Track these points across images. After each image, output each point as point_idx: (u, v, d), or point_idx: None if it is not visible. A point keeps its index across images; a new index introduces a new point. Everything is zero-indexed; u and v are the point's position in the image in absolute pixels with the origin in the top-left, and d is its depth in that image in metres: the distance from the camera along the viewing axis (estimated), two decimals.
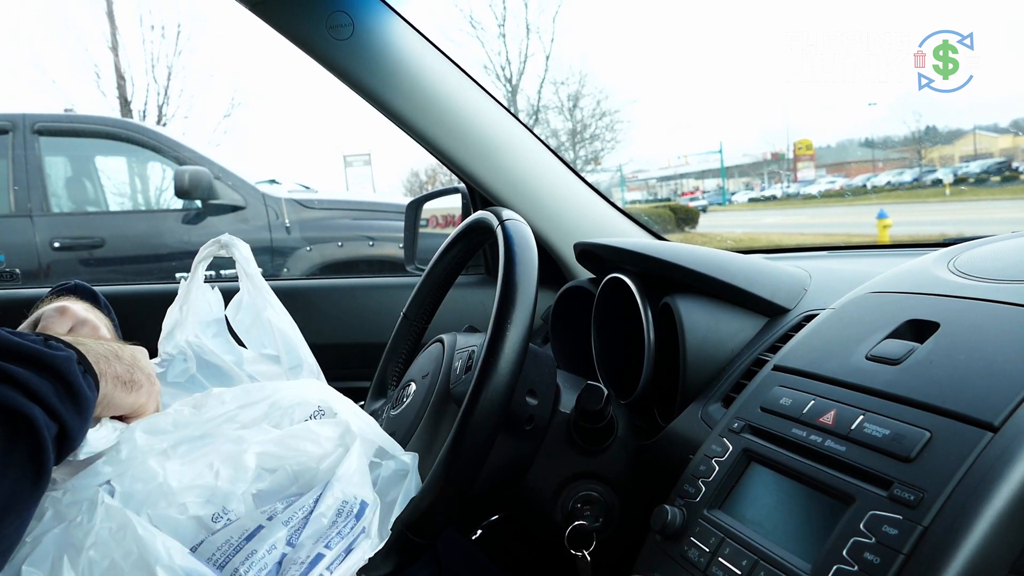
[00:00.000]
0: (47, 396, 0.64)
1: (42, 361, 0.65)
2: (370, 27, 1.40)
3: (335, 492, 0.77)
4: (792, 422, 0.76)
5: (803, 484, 0.71)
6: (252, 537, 0.73)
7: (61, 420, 0.65)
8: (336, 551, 0.75)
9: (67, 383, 0.66)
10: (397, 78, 1.44)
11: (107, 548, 0.67)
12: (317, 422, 0.83)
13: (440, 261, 1.23)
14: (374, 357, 1.38)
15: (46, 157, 5.10)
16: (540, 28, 20.20)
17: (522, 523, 1.30)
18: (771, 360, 0.91)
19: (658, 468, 1.01)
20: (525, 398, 0.98)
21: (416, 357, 1.23)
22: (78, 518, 0.69)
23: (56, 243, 4.81)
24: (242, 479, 0.76)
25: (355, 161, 16.87)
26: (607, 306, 1.29)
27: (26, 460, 0.62)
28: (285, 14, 1.36)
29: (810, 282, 1.11)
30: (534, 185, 1.57)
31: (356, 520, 0.78)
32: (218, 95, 24.53)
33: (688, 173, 24.54)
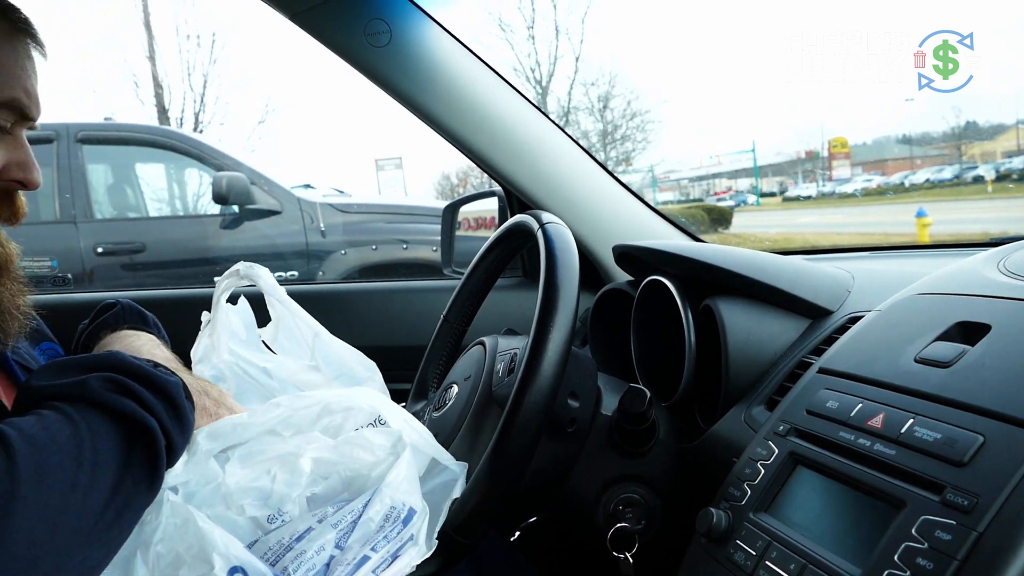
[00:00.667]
0: (160, 414, 0.72)
1: (156, 383, 0.73)
2: (407, 33, 1.42)
3: (383, 498, 0.78)
4: (839, 425, 0.76)
5: (851, 488, 0.71)
6: (302, 538, 0.75)
7: (169, 436, 0.72)
8: (382, 554, 0.76)
9: (175, 405, 0.74)
10: (434, 83, 1.45)
11: (172, 542, 0.71)
12: (371, 430, 0.84)
13: (480, 264, 1.24)
14: (413, 360, 1.40)
15: (89, 165, 5.22)
16: (569, 29, 20.12)
17: (562, 525, 1.30)
18: (816, 363, 0.90)
19: (700, 471, 1.01)
20: (567, 400, 0.99)
21: (457, 360, 1.24)
22: (148, 517, 0.72)
23: (99, 248, 4.92)
24: (297, 483, 0.78)
25: (387, 165, 17.00)
26: (646, 308, 1.28)
27: (143, 464, 0.70)
28: (324, 23, 1.38)
29: (853, 284, 1.10)
30: (570, 188, 1.57)
31: (403, 526, 0.79)
32: (253, 102, 24.95)
33: (721, 173, 24.33)
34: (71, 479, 0.64)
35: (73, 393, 0.69)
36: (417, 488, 0.84)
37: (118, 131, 5.73)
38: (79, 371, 0.72)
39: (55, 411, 0.68)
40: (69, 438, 0.66)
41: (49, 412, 0.67)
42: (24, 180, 0.86)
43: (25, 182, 0.86)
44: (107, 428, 0.68)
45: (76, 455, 0.65)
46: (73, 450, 0.65)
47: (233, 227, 5.11)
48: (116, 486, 0.67)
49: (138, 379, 0.72)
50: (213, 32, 15.57)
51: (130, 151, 5.59)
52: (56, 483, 0.63)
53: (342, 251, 5.00)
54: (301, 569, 0.73)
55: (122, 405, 0.69)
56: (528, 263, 1.79)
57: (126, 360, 0.73)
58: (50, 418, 0.67)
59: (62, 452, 0.65)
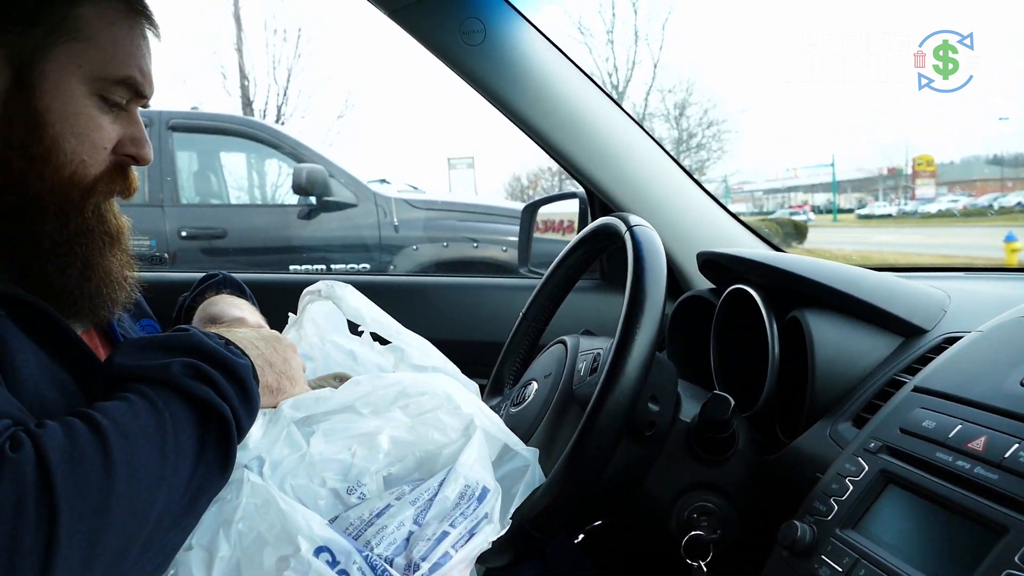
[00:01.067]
0: (233, 398, 0.75)
1: (228, 366, 0.76)
2: (501, 33, 1.44)
3: (458, 477, 0.81)
4: (936, 446, 0.74)
5: (947, 510, 0.69)
6: (382, 514, 0.78)
7: (239, 420, 0.75)
8: (460, 531, 0.78)
9: (246, 388, 0.77)
10: (524, 83, 1.47)
11: (253, 521, 0.74)
12: (444, 412, 0.86)
13: (562, 263, 1.25)
14: (486, 355, 1.41)
15: (178, 152, 5.42)
16: (649, 35, 19.93)
17: (631, 529, 1.30)
18: (910, 381, 0.88)
19: (780, 484, 0.99)
20: (647, 404, 0.99)
21: (535, 357, 1.25)
22: (228, 495, 0.75)
23: (183, 232, 5.10)
24: (375, 459, 0.82)
25: (459, 164, 17.15)
26: (728, 317, 1.27)
27: (216, 449, 0.72)
28: (421, 20, 1.41)
29: (949, 303, 1.06)
30: (655, 192, 1.56)
31: (478, 503, 0.81)
32: (333, 97, 25.48)
33: (797, 186, 23.73)
34: (158, 471, 0.67)
35: (157, 376, 0.72)
36: (489, 468, 0.86)
37: (206, 120, 5.92)
38: (160, 351, 0.75)
39: (141, 397, 0.70)
40: (155, 429, 0.68)
41: (136, 398, 0.70)
42: (137, 155, 0.90)
43: (138, 157, 0.90)
44: (186, 415, 0.71)
45: (161, 447, 0.68)
46: (159, 442, 0.68)
47: (310, 218, 5.22)
48: (193, 473, 0.70)
49: (214, 362, 0.75)
50: (299, 27, 16.00)
51: (216, 140, 5.78)
52: (145, 476, 0.66)
53: (414, 247, 5.07)
54: (383, 543, 0.75)
55: (201, 392, 0.72)
56: (607, 266, 1.79)
57: (203, 342, 0.76)
58: (138, 406, 0.69)
59: (150, 444, 0.67)
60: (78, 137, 0.83)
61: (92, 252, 0.87)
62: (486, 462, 0.85)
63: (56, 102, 0.82)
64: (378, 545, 0.75)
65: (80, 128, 0.83)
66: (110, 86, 0.85)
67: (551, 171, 20.51)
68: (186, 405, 0.71)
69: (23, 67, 0.80)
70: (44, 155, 0.81)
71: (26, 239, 0.83)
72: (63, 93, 0.82)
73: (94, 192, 0.86)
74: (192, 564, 0.72)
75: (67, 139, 0.82)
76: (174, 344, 0.76)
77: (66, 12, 0.82)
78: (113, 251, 0.91)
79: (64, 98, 0.82)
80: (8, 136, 0.80)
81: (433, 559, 0.74)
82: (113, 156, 0.88)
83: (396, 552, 0.75)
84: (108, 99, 0.85)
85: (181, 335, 0.77)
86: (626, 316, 0.89)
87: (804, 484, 0.88)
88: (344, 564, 0.71)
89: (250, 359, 0.80)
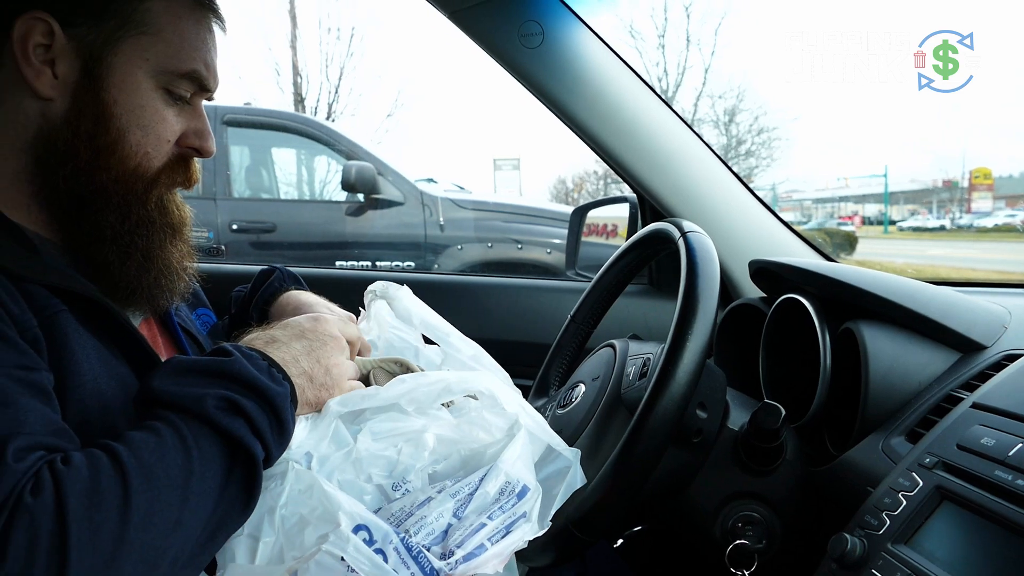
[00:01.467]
0: (266, 432, 0.73)
1: (267, 396, 0.74)
2: (559, 37, 1.45)
3: (499, 473, 0.81)
4: (995, 464, 0.72)
5: (1006, 529, 0.68)
6: (423, 505, 0.79)
7: (269, 451, 0.74)
8: (496, 524, 0.78)
9: (281, 420, 0.75)
10: (581, 86, 1.47)
11: (296, 505, 0.75)
12: (489, 412, 0.87)
13: (612, 267, 1.25)
14: (531, 356, 1.42)
15: (232, 146, 5.53)
16: (701, 40, 19.77)
17: (671, 536, 1.29)
18: (968, 398, 0.86)
19: (829, 496, 0.98)
20: (696, 411, 0.98)
21: (582, 360, 1.25)
22: (272, 485, 0.77)
23: (234, 225, 5.20)
24: (420, 456, 0.83)
25: (504, 165, 17.21)
26: (778, 326, 1.26)
27: (240, 486, 0.72)
28: (480, 22, 1.43)
29: (1010, 320, 1.04)
30: (707, 199, 1.56)
31: (518, 499, 0.81)
32: (383, 95, 25.75)
33: (847, 196, 23.30)
34: (176, 516, 0.66)
35: (191, 409, 0.71)
36: (531, 468, 0.86)
37: (260, 115, 6.03)
38: (200, 378, 0.73)
39: (173, 430, 0.69)
40: (180, 468, 0.67)
41: (168, 432, 0.69)
42: (200, 148, 0.92)
43: (201, 149, 0.92)
44: (215, 451, 0.70)
45: (183, 489, 0.67)
46: (181, 483, 0.67)
47: (357, 215, 5.28)
48: (213, 512, 0.69)
49: (253, 392, 0.73)
50: (353, 26, 16.21)
51: (268, 135, 5.87)
52: (162, 523, 0.65)
53: (459, 246, 5.10)
54: (422, 532, 0.76)
55: (233, 428, 0.71)
56: (656, 271, 1.79)
57: (244, 370, 0.74)
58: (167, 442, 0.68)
59: (172, 487, 0.66)
60: (143, 129, 0.85)
61: (152, 244, 0.89)
62: (528, 461, 0.86)
63: (123, 94, 0.84)
64: (416, 534, 0.75)
65: (145, 120, 0.85)
66: (175, 79, 0.87)
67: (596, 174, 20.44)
68: (216, 440, 0.71)
69: (92, 60, 0.83)
70: (111, 146, 0.84)
71: (89, 229, 0.86)
72: (130, 86, 0.84)
73: (157, 183, 0.88)
74: (237, 551, 0.74)
75: (133, 131, 0.85)
76: (214, 371, 0.74)
77: (135, 6, 0.84)
78: (174, 242, 0.93)
79: (131, 91, 0.84)
80: (77, 126, 0.83)
81: (468, 548, 0.75)
82: (176, 148, 0.90)
83: (434, 542, 0.76)
84: (173, 92, 0.87)
85: (224, 362, 0.75)
86: (678, 322, 0.89)
87: (854, 497, 0.87)
88: (381, 543, 0.72)
89: (291, 383, 0.79)
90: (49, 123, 0.83)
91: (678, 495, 1.03)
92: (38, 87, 0.82)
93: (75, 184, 0.84)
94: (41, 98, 0.83)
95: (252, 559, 0.74)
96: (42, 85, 0.82)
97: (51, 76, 0.82)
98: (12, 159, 0.84)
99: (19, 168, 0.84)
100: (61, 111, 0.83)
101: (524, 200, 6.97)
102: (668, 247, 1.07)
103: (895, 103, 26.92)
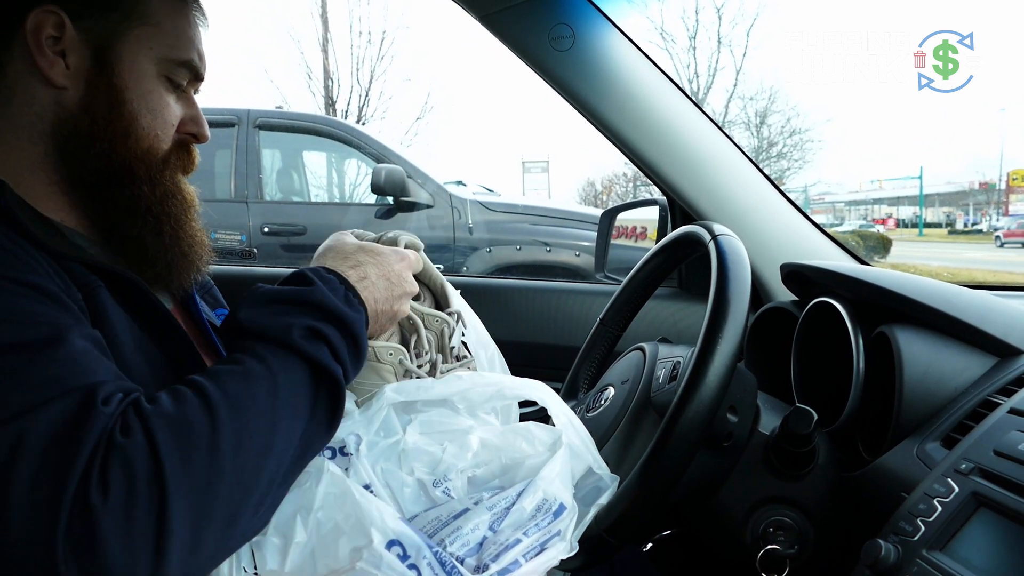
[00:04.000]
0: (345, 356, 0.78)
1: (344, 322, 0.79)
2: (590, 39, 1.45)
3: (537, 490, 0.81)
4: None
5: None
6: (459, 516, 0.79)
7: (347, 373, 0.79)
8: (532, 540, 0.79)
9: (358, 344, 0.81)
10: (612, 89, 1.47)
11: (332, 511, 0.76)
12: (535, 424, 0.88)
13: (642, 270, 1.25)
14: (560, 359, 1.42)
15: (263, 150, 5.59)
16: (732, 41, 19.62)
17: (701, 540, 1.29)
18: (1005, 403, 0.85)
19: (861, 502, 0.97)
20: (726, 414, 0.98)
21: (611, 363, 1.25)
22: (307, 483, 0.78)
23: (265, 228, 5.25)
24: (464, 456, 0.83)
25: (533, 167, 17.21)
26: (810, 330, 1.25)
27: (326, 407, 0.76)
28: (511, 25, 1.43)
29: None
30: (738, 202, 1.55)
31: (554, 518, 0.81)
32: (413, 98, 25.90)
33: (881, 199, 22.97)
34: (266, 442, 0.69)
35: (277, 337, 0.75)
36: (570, 486, 0.86)
37: (291, 119, 6.09)
38: (285, 306, 0.78)
39: (259, 361, 0.73)
40: (267, 395, 0.71)
41: (253, 363, 0.73)
42: (198, 133, 0.97)
43: (199, 135, 0.97)
44: (301, 378, 0.74)
45: (272, 416, 0.70)
46: (269, 411, 0.70)
47: (387, 217, 5.30)
48: (303, 434, 0.73)
49: (333, 320, 0.78)
50: (383, 30, 16.34)
51: (299, 138, 5.93)
52: (254, 448, 0.68)
53: (487, 249, 5.11)
54: (456, 543, 0.77)
55: (317, 354, 0.75)
56: (685, 275, 1.78)
57: (325, 299, 0.79)
58: (254, 372, 0.72)
59: (260, 415, 0.70)
60: (152, 113, 0.90)
61: (180, 214, 0.94)
62: (567, 479, 0.86)
63: (132, 81, 0.88)
64: (451, 545, 0.76)
65: (153, 104, 0.90)
66: (175, 68, 0.91)
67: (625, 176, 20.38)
68: (302, 365, 0.74)
69: (102, 49, 0.87)
70: (125, 128, 0.88)
71: (125, 203, 0.89)
72: (137, 72, 0.88)
73: (168, 165, 0.93)
74: (267, 552, 0.75)
75: (143, 114, 0.89)
76: (299, 300, 0.78)
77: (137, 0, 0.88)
78: (189, 216, 0.96)
79: (138, 77, 0.89)
80: (94, 112, 0.87)
81: (503, 563, 0.75)
82: (177, 134, 0.94)
83: (468, 554, 0.76)
84: (172, 80, 0.92)
85: (306, 291, 0.79)
86: (709, 325, 0.89)
87: (887, 503, 0.86)
88: (414, 558, 0.72)
89: (365, 310, 0.84)
90: (66, 111, 0.87)
91: (708, 499, 1.02)
92: (52, 76, 0.86)
93: (103, 163, 0.88)
94: (55, 87, 0.86)
95: (283, 561, 0.75)
96: (55, 74, 0.86)
97: (63, 66, 0.86)
98: (31, 147, 0.87)
99: (40, 155, 0.87)
100: (76, 98, 0.87)
101: (553, 202, 6.96)
102: (698, 250, 1.07)
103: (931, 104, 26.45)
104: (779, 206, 1.60)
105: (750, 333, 1.43)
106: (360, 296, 0.84)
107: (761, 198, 1.59)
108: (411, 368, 0.93)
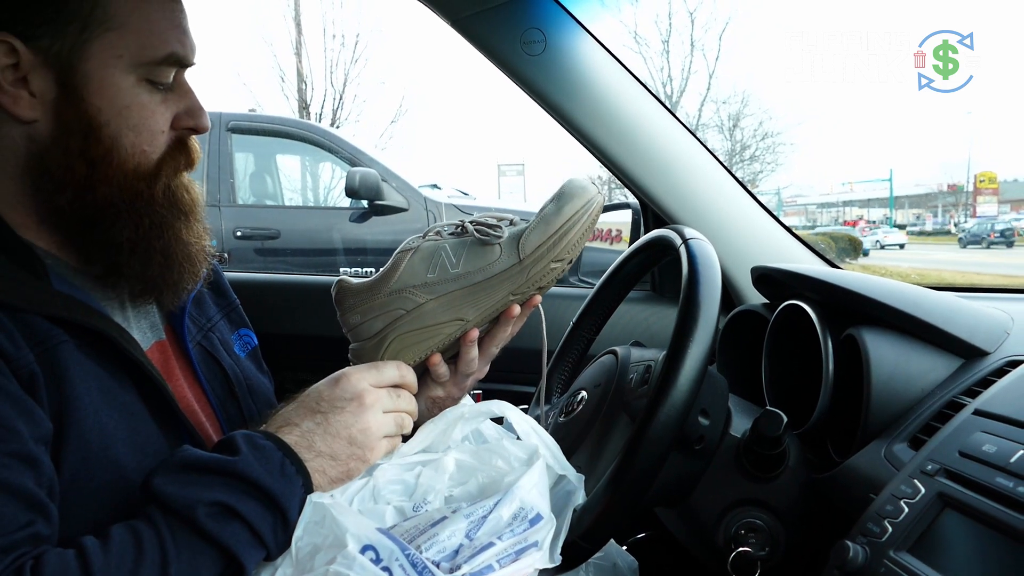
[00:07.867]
0: (267, 536, 0.73)
1: (271, 495, 0.73)
2: (561, 44, 1.45)
3: (514, 499, 0.81)
4: (997, 471, 0.72)
5: (1006, 536, 0.68)
6: (437, 524, 0.79)
7: (268, 552, 0.74)
8: (506, 545, 0.78)
9: (285, 519, 0.75)
10: (583, 93, 1.47)
11: (311, 536, 0.76)
12: (510, 441, 0.89)
13: (615, 274, 1.25)
14: (535, 363, 1.41)
15: (236, 153, 5.54)
16: (705, 46, 19.80)
17: (675, 542, 1.29)
18: (970, 404, 0.86)
19: (831, 503, 0.98)
20: (698, 417, 0.98)
21: (584, 367, 1.25)
22: None
23: (238, 232, 5.21)
24: (440, 479, 0.84)
25: (509, 171, 17.21)
26: (781, 333, 1.26)
27: None
28: (483, 30, 1.43)
29: (1012, 325, 1.04)
30: (710, 205, 1.56)
31: (530, 526, 0.81)
32: (387, 101, 25.84)
33: (852, 201, 23.28)
34: None
35: (180, 512, 0.70)
36: (547, 497, 0.86)
37: (264, 122, 6.05)
38: (201, 476, 0.72)
39: (155, 533, 0.69)
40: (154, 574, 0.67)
41: (150, 534, 0.69)
42: (195, 126, 0.88)
43: (196, 127, 0.88)
44: (201, 559, 0.70)
45: None
46: None
47: (361, 221, 5.29)
48: None
49: (257, 492, 0.73)
50: (357, 33, 16.27)
51: (272, 142, 5.90)
52: None
53: None
54: (432, 549, 0.76)
55: (224, 536, 0.70)
56: (659, 278, 1.79)
57: (250, 470, 0.73)
58: (146, 546, 0.68)
59: None
60: (135, 130, 0.82)
61: (169, 240, 0.87)
62: (544, 490, 0.86)
63: (105, 101, 0.80)
64: (427, 551, 0.75)
65: (134, 120, 0.82)
66: (154, 69, 0.82)
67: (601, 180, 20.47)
68: (204, 547, 0.70)
69: (64, 71, 0.79)
70: (105, 156, 0.80)
71: (105, 245, 0.83)
72: (110, 90, 0.80)
73: (160, 175, 0.85)
74: None
75: (124, 135, 0.81)
76: (217, 470, 0.73)
77: (91, 4, 0.79)
78: (189, 227, 0.90)
79: (112, 95, 0.80)
80: (67, 145, 0.80)
81: (475, 566, 0.75)
82: (172, 133, 0.86)
83: (444, 559, 0.75)
84: (155, 81, 0.83)
85: (228, 462, 0.73)
86: (679, 329, 0.89)
87: (856, 504, 0.86)
88: (387, 561, 0.72)
89: (307, 474, 0.78)
90: (38, 145, 0.80)
91: (680, 502, 1.03)
92: (17, 112, 0.79)
93: (79, 205, 0.81)
94: (23, 122, 0.79)
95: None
96: (21, 108, 0.79)
97: (28, 96, 0.78)
98: (9, 182, 0.82)
99: (18, 192, 0.82)
100: (47, 131, 0.80)
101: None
102: (670, 254, 1.07)
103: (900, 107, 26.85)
104: (750, 209, 1.61)
105: (721, 336, 1.44)
106: (302, 464, 0.77)
107: (732, 201, 1.60)
108: None
